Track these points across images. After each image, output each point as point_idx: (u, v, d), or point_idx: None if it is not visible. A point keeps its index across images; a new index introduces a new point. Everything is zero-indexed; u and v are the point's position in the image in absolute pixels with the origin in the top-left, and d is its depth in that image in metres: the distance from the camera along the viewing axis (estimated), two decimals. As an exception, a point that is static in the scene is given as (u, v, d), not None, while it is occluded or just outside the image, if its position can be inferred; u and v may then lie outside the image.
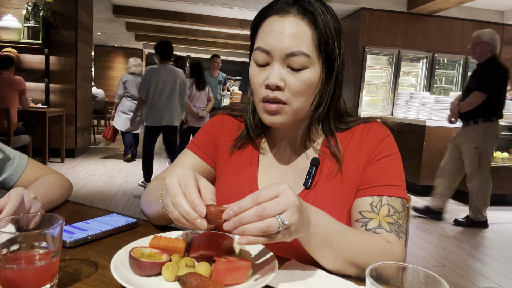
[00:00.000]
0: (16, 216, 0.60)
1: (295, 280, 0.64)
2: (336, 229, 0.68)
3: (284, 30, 0.74)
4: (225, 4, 6.78)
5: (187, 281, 0.55)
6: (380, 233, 0.74)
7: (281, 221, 0.56)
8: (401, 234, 0.75)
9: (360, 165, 0.81)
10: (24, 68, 5.49)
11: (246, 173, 0.88)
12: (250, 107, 0.88)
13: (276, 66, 0.75)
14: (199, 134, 0.97)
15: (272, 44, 0.74)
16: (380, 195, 0.77)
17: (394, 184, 0.79)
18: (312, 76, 0.76)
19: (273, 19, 0.76)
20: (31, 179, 0.98)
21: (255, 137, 0.89)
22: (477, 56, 3.63)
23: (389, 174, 0.80)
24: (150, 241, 0.67)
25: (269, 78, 0.74)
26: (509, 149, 4.78)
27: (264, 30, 0.77)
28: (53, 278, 0.56)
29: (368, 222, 0.76)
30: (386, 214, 0.76)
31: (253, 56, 0.79)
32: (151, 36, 11.06)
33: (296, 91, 0.75)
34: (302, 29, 0.74)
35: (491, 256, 3.02)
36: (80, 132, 6.10)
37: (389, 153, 0.81)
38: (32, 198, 0.74)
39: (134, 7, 8.22)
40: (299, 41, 0.73)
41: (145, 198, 0.90)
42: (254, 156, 0.89)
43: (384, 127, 0.86)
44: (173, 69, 4.15)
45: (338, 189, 0.81)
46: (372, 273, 0.46)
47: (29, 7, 5.26)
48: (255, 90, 0.79)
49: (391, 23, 6.09)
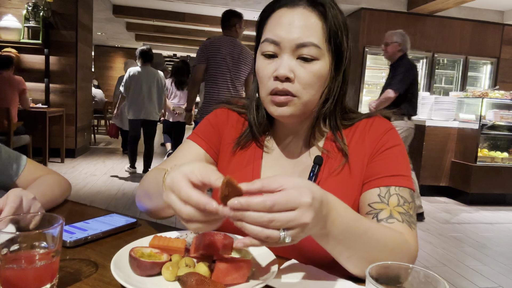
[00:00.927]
0: (16, 216, 0.60)
1: (295, 280, 0.63)
2: (354, 230, 0.63)
3: (293, 21, 0.73)
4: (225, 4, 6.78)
5: (187, 281, 0.55)
6: (392, 223, 0.72)
7: (283, 236, 0.52)
8: (413, 224, 0.73)
9: (364, 159, 0.80)
10: (24, 68, 5.49)
11: (248, 172, 0.86)
12: (253, 104, 0.86)
13: (286, 57, 0.73)
14: (202, 126, 0.93)
15: (282, 35, 0.73)
16: (387, 186, 0.75)
17: (400, 174, 0.77)
18: (322, 68, 0.75)
19: (282, 11, 0.75)
20: (29, 180, 0.98)
21: (259, 135, 0.87)
22: (389, 55, 3.72)
23: (395, 164, 0.78)
24: (150, 241, 0.67)
25: (279, 69, 0.73)
26: (509, 149, 4.78)
27: (272, 22, 0.76)
28: (53, 278, 0.56)
29: (378, 213, 0.73)
30: (397, 204, 0.73)
31: (261, 48, 0.77)
32: (151, 36, 11.06)
33: (306, 83, 0.74)
34: (312, 21, 0.73)
35: (491, 256, 3.02)
36: (80, 132, 6.10)
37: (392, 144, 0.80)
38: (31, 199, 0.74)
39: (134, 7, 8.22)
40: (309, 32, 0.73)
41: (142, 192, 0.84)
42: (258, 154, 0.87)
43: (386, 120, 0.85)
44: (152, 71, 4.80)
45: (343, 186, 0.80)
46: (372, 273, 0.46)
47: (29, 7, 5.26)
48: (263, 83, 0.77)
49: (391, 23, 6.08)
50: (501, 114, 4.55)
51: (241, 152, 0.88)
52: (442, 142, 4.76)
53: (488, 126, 4.50)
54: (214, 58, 3.24)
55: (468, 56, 6.38)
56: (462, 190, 4.65)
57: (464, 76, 6.45)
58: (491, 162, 4.57)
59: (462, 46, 6.32)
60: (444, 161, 4.80)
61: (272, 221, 0.51)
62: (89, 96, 6.70)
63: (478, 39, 6.36)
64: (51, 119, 5.20)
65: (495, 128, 4.58)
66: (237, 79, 3.33)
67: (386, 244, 0.66)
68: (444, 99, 4.99)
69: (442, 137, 4.75)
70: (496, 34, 6.42)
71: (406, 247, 0.69)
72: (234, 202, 0.52)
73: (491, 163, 4.56)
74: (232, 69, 3.27)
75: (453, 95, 5.13)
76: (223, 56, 3.24)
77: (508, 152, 4.73)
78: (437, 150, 4.75)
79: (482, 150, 4.62)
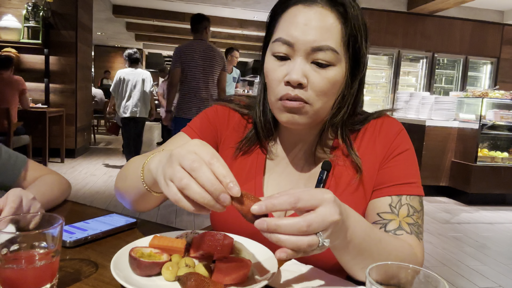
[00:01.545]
0: (16, 216, 0.60)
1: (295, 280, 0.63)
2: (371, 239, 0.61)
3: (310, 21, 0.67)
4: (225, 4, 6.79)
5: (187, 281, 0.55)
6: (401, 234, 0.70)
7: (321, 240, 0.49)
8: (420, 235, 0.72)
9: (375, 164, 0.76)
10: (24, 68, 5.49)
11: (251, 179, 0.80)
12: (260, 105, 0.80)
13: (299, 61, 0.67)
14: (198, 120, 0.86)
15: (296, 36, 0.67)
16: (399, 195, 0.73)
17: (411, 181, 0.74)
18: (338, 74, 0.69)
19: (297, 9, 0.69)
20: (30, 180, 0.98)
21: (264, 138, 0.81)
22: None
23: (406, 171, 0.75)
24: (150, 241, 0.67)
25: (291, 73, 0.67)
26: (509, 149, 4.78)
27: (286, 20, 0.69)
28: (53, 278, 0.56)
29: (387, 223, 0.71)
30: (406, 215, 0.71)
31: (272, 48, 0.71)
32: (151, 36, 11.06)
33: (319, 90, 0.68)
34: (330, 22, 0.67)
35: (491, 256, 3.02)
36: (80, 132, 6.10)
37: (404, 148, 0.77)
38: (30, 199, 0.74)
39: (134, 7, 8.23)
40: (326, 34, 0.67)
41: (121, 174, 0.79)
42: (261, 161, 0.82)
43: (396, 121, 0.80)
44: (139, 71, 5.09)
45: (353, 192, 0.76)
46: (372, 273, 0.46)
47: (29, 7, 5.26)
48: (272, 87, 0.71)
49: (391, 23, 6.08)
50: (501, 114, 4.55)
51: (243, 158, 0.83)
52: (442, 142, 4.76)
53: (488, 126, 4.50)
54: (189, 62, 3.62)
55: (468, 56, 6.38)
56: (462, 190, 4.65)
57: (464, 76, 6.46)
58: (491, 162, 4.57)
59: (462, 46, 6.32)
60: (444, 161, 4.80)
61: (310, 225, 0.48)
62: (89, 96, 6.70)
63: (478, 39, 6.36)
64: (51, 119, 5.20)
65: (495, 128, 4.58)
66: (211, 78, 3.70)
67: (397, 255, 0.65)
68: (444, 99, 4.99)
69: (442, 137, 4.75)
70: (496, 34, 6.42)
71: (414, 259, 0.67)
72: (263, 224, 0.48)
73: (491, 163, 4.56)
74: (206, 69, 3.66)
75: (453, 95, 5.13)
76: (196, 59, 3.63)
77: (508, 152, 4.73)
78: (437, 150, 4.75)
79: (482, 150, 4.63)
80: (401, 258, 0.65)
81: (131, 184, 0.72)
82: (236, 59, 5.60)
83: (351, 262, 0.62)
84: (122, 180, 0.78)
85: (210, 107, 0.89)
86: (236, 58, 5.59)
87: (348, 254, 0.60)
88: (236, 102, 0.88)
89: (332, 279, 0.65)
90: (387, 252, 0.63)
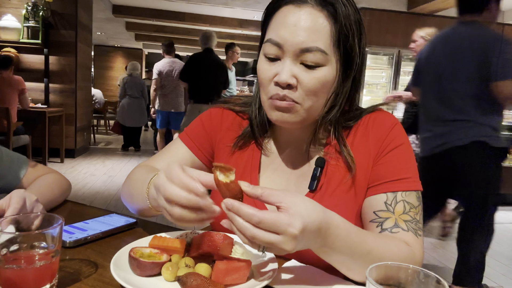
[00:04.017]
0: (17, 217, 0.60)
1: (295, 280, 0.63)
2: (357, 254, 0.62)
3: (299, 22, 0.67)
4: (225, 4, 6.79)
5: (187, 281, 0.55)
6: (397, 232, 0.70)
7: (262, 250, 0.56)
8: (418, 231, 0.71)
9: (369, 161, 0.76)
10: (23, 68, 5.49)
11: (246, 176, 0.82)
12: (256, 102, 0.82)
13: (288, 62, 0.69)
14: (194, 125, 0.89)
15: (285, 37, 0.68)
16: (394, 191, 0.72)
17: (407, 176, 0.73)
18: (328, 74, 0.70)
19: (287, 9, 0.70)
20: (30, 181, 0.98)
21: (259, 135, 0.83)
22: None
23: (401, 166, 0.74)
24: (150, 241, 0.67)
25: (280, 75, 0.69)
26: (509, 149, 4.77)
27: (277, 20, 0.71)
28: (53, 278, 0.56)
29: (383, 222, 0.71)
30: (402, 212, 0.71)
31: (263, 49, 0.73)
32: (151, 36, 11.06)
33: (309, 90, 0.69)
34: (320, 22, 0.68)
35: (491, 256, 3.02)
36: (80, 132, 6.10)
37: (398, 143, 0.76)
38: (34, 201, 0.74)
39: (134, 7, 8.22)
40: (315, 35, 0.67)
41: (126, 189, 0.83)
42: (256, 157, 0.84)
43: (390, 114, 0.80)
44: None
45: (347, 190, 0.76)
46: (372, 273, 0.46)
47: (28, 7, 5.25)
48: (263, 86, 0.73)
49: (391, 23, 6.08)
50: (501, 114, 4.54)
51: (239, 154, 0.85)
52: (442, 142, 4.75)
53: (488, 126, 4.49)
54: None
55: (468, 56, 6.37)
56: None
57: (464, 76, 6.44)
58: (491, 162, 4.56)
59: (462, 46, 6.31)
60: (444, 161, 4.79)
61: (254, 238, 0.53)
62: (88, 96, 6.69)
63: (478, 39, 6.35)
64: (51, 119, 5.20)
65: (495, 128, 4.57)
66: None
67: (392, 259, 0.64)
68: (444, 99, 4.97)
69: (442, 137, 4.74)
70: (496, 34, 6.41)
71: (411, 258, 0.67)
72: (228, 202, 0.54)
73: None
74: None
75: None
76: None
77: (508, 152, 4.73)
78: (437, 150, 4.74)
79: (482, 150, 4.61)
80: (397, 260, 0.64)
81: (138, 203, 0.77)
82: (237, 55, 5.29)
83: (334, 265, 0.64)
84: (128, 197, 0.83)
85: (205, 111, 0.92)
86: (237, 54, 5.28)
87: (327, 258, 0.63)
88: (231, 101, 0.90)
89: (332, 279, 0.65)
90: (379, 259, 0.62)
